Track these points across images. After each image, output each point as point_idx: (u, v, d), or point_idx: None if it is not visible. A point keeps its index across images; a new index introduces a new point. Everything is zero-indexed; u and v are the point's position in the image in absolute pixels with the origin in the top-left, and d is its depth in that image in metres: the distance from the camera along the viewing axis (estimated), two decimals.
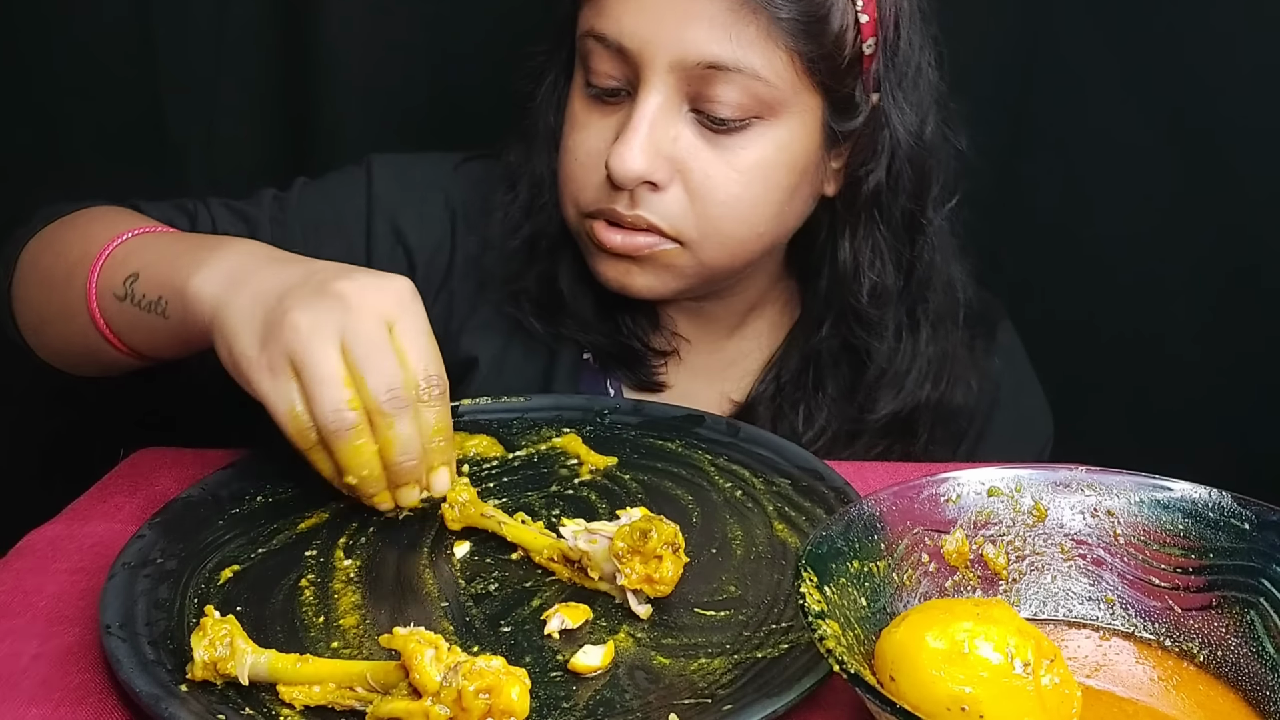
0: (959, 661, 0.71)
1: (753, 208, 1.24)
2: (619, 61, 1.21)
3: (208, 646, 0.80)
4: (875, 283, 1.32)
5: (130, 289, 1.10)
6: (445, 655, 0.77)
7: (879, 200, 1.30)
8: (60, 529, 1.03)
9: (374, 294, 0.98)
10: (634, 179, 1.20)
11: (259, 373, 0.96)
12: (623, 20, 1.19)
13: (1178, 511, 0.83)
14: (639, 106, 1.20)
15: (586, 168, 1.25)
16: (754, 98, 1.19)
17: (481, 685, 0.75)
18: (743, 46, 1.17)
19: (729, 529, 1.01)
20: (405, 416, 0.96)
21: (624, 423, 1.19)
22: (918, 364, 1.36)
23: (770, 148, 1.22)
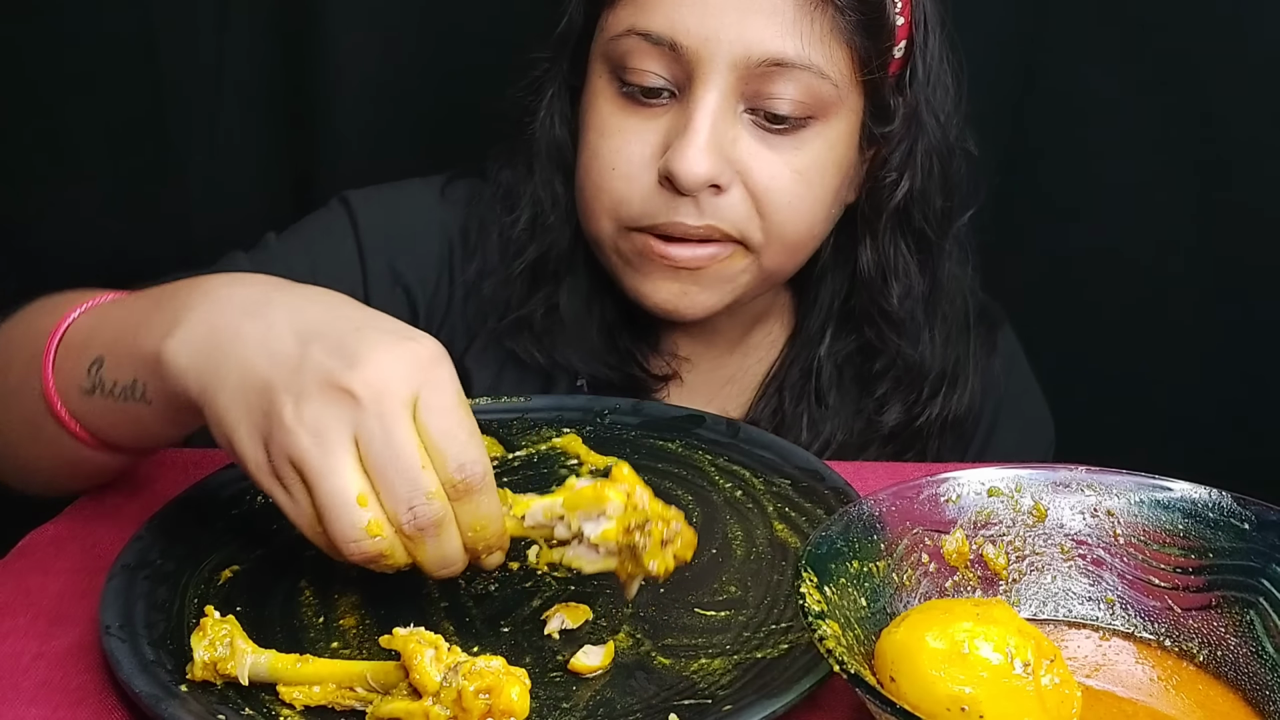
0: (959, 662, 0.71)
1: (811, 208, 1.23)
2: (668, 60, 1.17)
3: (208, 646, 0.80)
4: (906, 285, 1.32)
5: (98, 378, 0.92)
6: (445, 655, 0.77)
7: (909, 207, 1.30)
8: (61, 529, 1.03)
9: (389, 376, 0.79)
10: (702, 183, 1.16)
11: (266, 480, 0.81)
12: (675, 16, 1.16)
13: (1178, 511, 0.83)
14: (698, 106, 1.16)
15: (629, 177, 1.21)
16: (814, 96, 1.18)
17: (481, 685, 0.75)
18: (809, 43, 1.15)
19: (729, 529, 1.01)
20: (436, 532, 0.80)
21: (624, 423, 1.18)
22: (934, 370, 1.36)
23: (824, 148, 1.21)
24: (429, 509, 0.79)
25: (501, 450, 1.14)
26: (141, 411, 0.91)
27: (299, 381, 0.79)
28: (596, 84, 1.24)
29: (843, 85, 1.19)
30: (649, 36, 1.17)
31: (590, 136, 1.24)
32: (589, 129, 1.24)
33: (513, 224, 1.31)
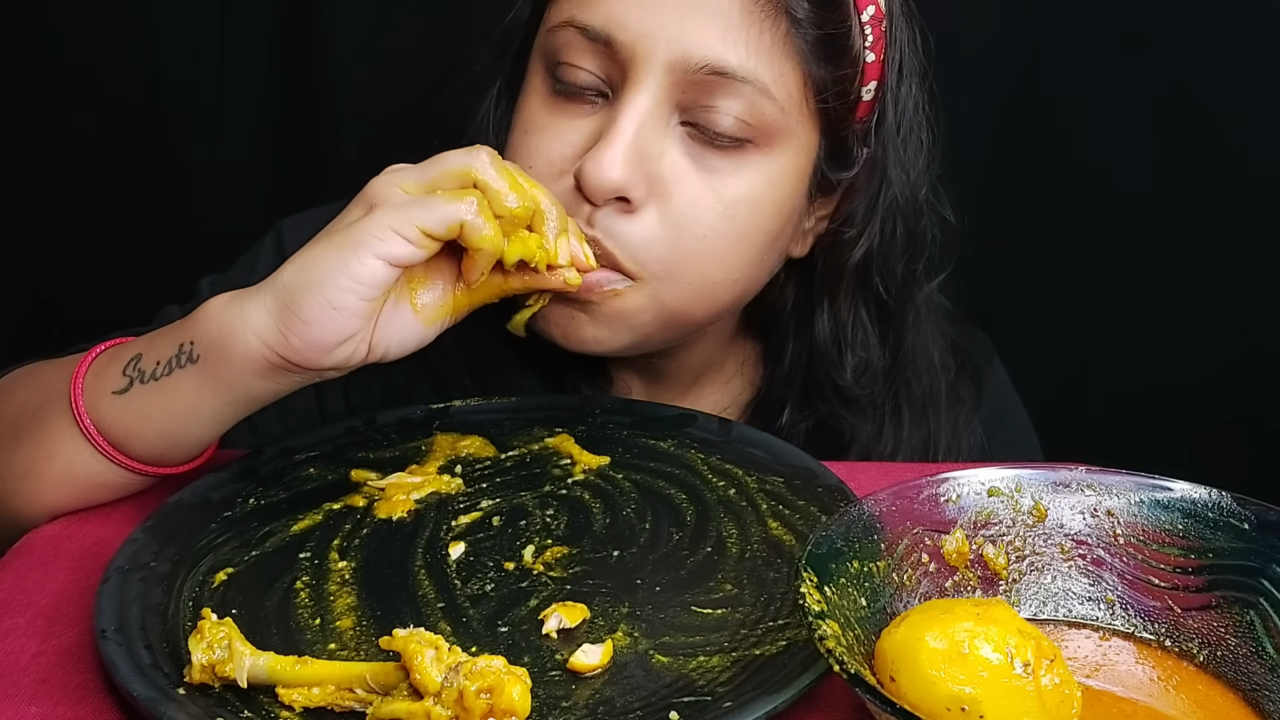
0: (959, 661, 0.71)
1: (732, 247, 1.12)
2: (602, 57, 1.09)
3: (205, 649, 0.80)
4: (862, 359, 1.23)
5: (135, 371, 0.98)
6: (446, 655, 0.77)
7: (868, 269, 1.21)
8: (59, 529, 1.03)
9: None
10: (609, 190, 1.07)
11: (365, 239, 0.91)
12: (615, 10, 1.07)
13: (1177, 511, 0.83)
14: (625, 107, 1.07)
15: (543, 176, 1.09)
16: (756, 117, 1.08)
17: (483, 685, 0.74)
18: (755, 54, 1.06)
19: (723, 528, 1.01)
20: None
21: (616, 422, 1.18)
22: (901, 452, 1.28)
23: (761, 181, 1.11)
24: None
25: (494, 450, 1.13)
26: (182, 381, 0.96)
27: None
28: (531, 81, 1.16)
29: (790, 110, 1.10)
30: (586, 31, 1.09)
31: (514, 135, 1.16)
32: (515, 127, 1.16)
33: None
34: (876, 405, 1.26)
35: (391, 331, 0.98)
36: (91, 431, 1.00)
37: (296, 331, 0.93)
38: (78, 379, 1.01)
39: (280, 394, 0.99)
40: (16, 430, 1.05)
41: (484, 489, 1.07)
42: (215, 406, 0.98)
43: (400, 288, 0.99)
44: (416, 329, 1.00)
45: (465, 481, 1.07)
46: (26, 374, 1.12)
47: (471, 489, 1.06)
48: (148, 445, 1.01)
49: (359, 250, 0.92)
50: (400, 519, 1.02)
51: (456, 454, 1.12)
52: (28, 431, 1.04)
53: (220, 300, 0.96)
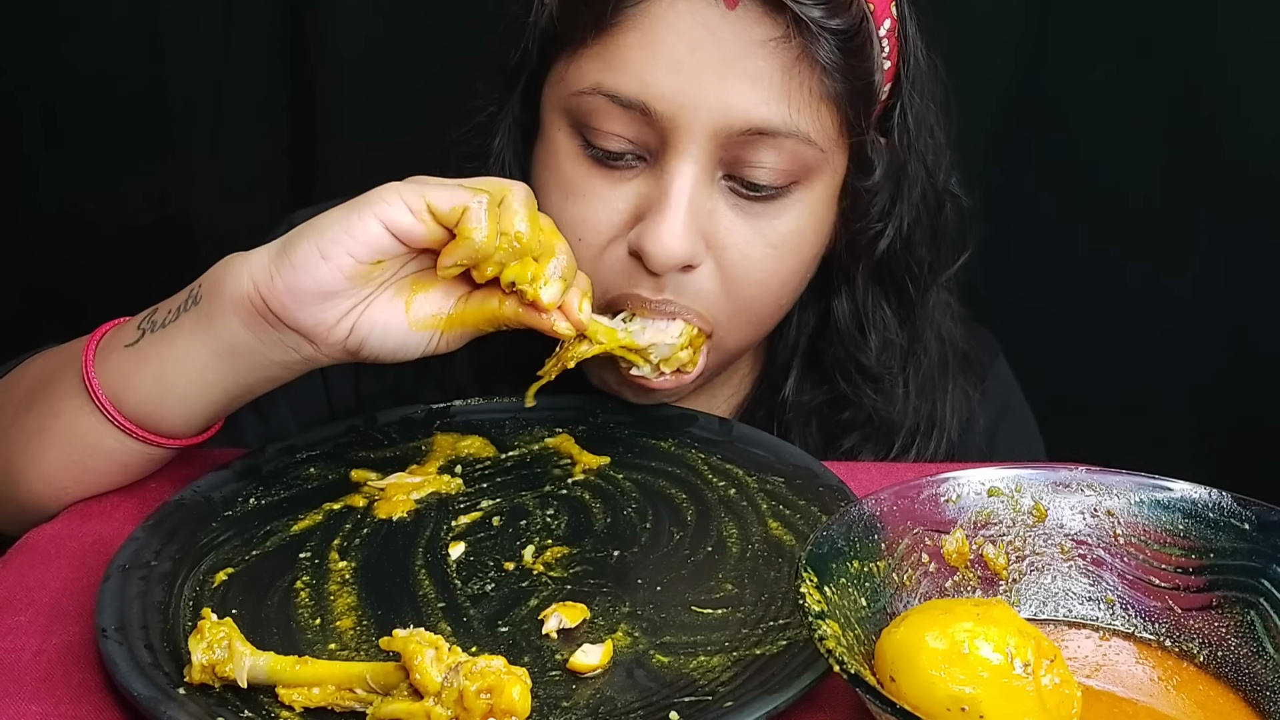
0: (959, 662, 0.71)
1: (781, 281, 1.14)
2: (638, 125, 1.07)
3: (206, 649, 0.80)
4: (884, 339, 1.25)
5: (149, 322, 1.01)
6: (446, 656, 0.77)
7: (890, 259, 1.22)
8: (60, 527, 1.03)
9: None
10: (677, 264, 1.07)
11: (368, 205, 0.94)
12: (649, 78, 1.05)
13: (1178, 511, 0.83)
14: (674, 179, 1.06)
15: (595, 247, 1.10)
16: (798, 163, 1.08)
17: (483, 685, 0.75)
18: (796, 108, 1.05)
19: (724, 527, 1.01)
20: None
21: (617, 422, 1.18)
22: (908, 422, 1.29)
23: (805, 216, 1.12)
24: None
25: (494, 451, 1.13)
26: (183, 325, 0.99)
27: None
28: (556, 138, 1.13)
29: (828, 148, 1.10)
30: (617, 98, 1.06)
31: (554, 197, 1.13)
32: (551, 188, 1.13)
33: None
34: (894, 380, 1.28)
35: (376, 319, 0.99)
36: (92, 382, 1.01)
37: (283, 273, 0.95)
38: (94, 339, 1.04)
39: (260, 358, 0.99)
40: (32, 394, 1.08)
41: (484, 489, 1.07)
42: (202, 356, 0.99)
43: (401, 286, 1.00)
44: (401, 329, 1.00)
45: (465, 481, 1.07)
46: (48, 352, 1.13)
47: (472, 489, 1.06)
48: (139, 399, 1.01)
49: (361, 208, 0.95)
50: (400, 519, 1.02)
51: (457, 454, 1.12)
52: (41, 393, 1.06)
53: (240, 252, 0.99)
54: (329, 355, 0.99)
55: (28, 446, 1.05)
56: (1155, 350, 1.72)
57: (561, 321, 1.01)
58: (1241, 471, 1.59)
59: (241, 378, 1.01)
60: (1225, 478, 0.84)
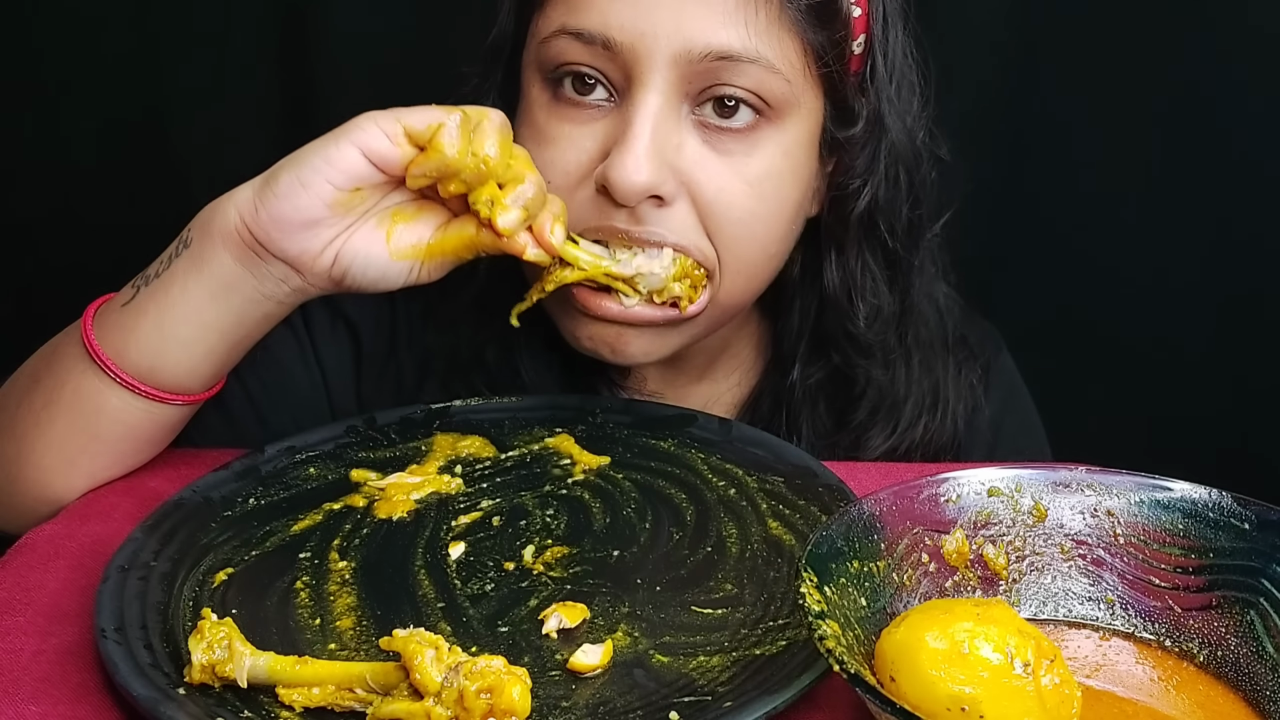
0: (959, 662, 0.71)
1: (764, 225, 1.14)
2: (602, 59, 1.08)
3: (205, 649, 0.80)
4: (873, 306, 1.24)
5: (143, 278, 1.05)
6: (446, 655, 0.77)
7: (873, 217, 1.21)
8: (59, 528, 1.03)
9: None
10: (640, 192, 1.07)
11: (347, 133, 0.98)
12: (609, 11, 1.07)
13: (1178, 511, 0.83)
14: (638, 108, 1.07)
15: (564, 189, 1.10)
16: (766, 93, 1.08)
17: (483, 685, 0.75)
18: (755, 33, 1.06)
19: (724, 527, 1.00)
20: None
21: (616, 422, 1.18)
22: (912, 396, 1.29)
23: (778, 155, 1.12)
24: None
25: (494, 450, 1.13)
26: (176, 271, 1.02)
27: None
28: (530, 92, 1.15)
29: (796, 81, 1.10)
30: (581, 35, 1.08)
31: (529, 147, 1.10)
32: (526, 140, 1.13)
33: None
34: (889, 351, 1.27)
35: (359, 248, 1.02)
36: (93, 344, 1.04)
37: (266, 203, 1.00)
38: (92, 307, 1.07)
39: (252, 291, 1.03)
40: (36, 372, 1.10)
41: (484, 489, 1.07)
42: (198, 297, 1.02)
43: (383, 216, 1.03)
44: (382, 258, 1.02)
45: (465, 481, 1.07)
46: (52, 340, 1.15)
47: (471, 489, 1.06)
48: (140, 350, 1.04)
49: (339, 137, 0.99)
50: (400, 519, 1.02)
51: (457, 454, 1.12)
52: (46, 369, 1.09)
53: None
54: (316, 285, 1.03)
55: (37, 421, 1.07)
56: (1154, 350, 1.72)
57: (532, 247, 1.02)
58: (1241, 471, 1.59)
59: (237, 315, 1.04)
60: (1225, 478, 0.84)
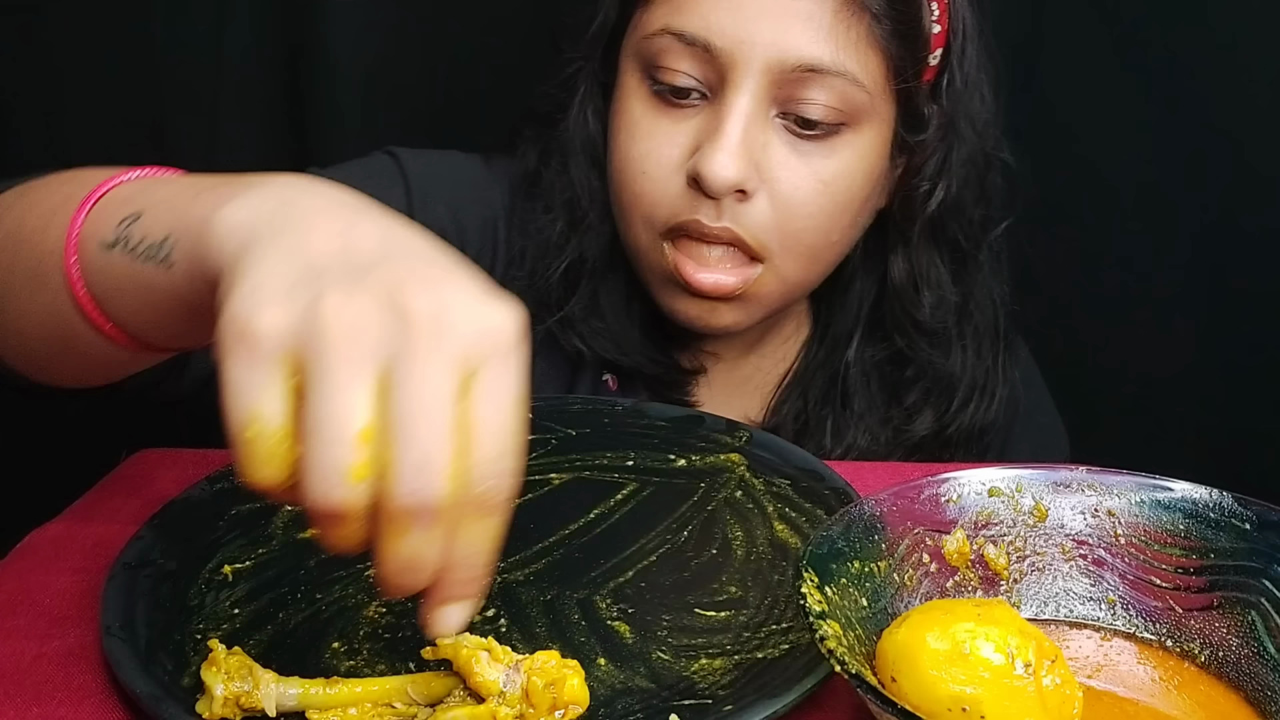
0: (960, 662, 0.71)
1: (833, 219, 1.22)
2: (701, 62, 1.17)
3: (226, 680, 0.76)
4: (939, 296, 1.32)
5: (125, 231, 0.79)
6: (501, 656, 0.76)
7: (943, 217, 1.29)
8: (62, 529, 1.03)
9: (461, 323, 0.63)
10: (729, 186, 1.16)
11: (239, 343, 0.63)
12: (711, 17, 1.15)
13: (1178, 512, 0.83)
14: (730, 109, 1.16)
15: (659, 180, 1.21)
16: (847, 104, 1.17)
17: (545, 679, 0.74)
18: (844, 49, 1.15)
19: (729, 530, 1.01)
20: (428, 523, 0.63)
21: (625, 423, 1.18)
22: (965, 380, 1.35)
23: (853, 157, 1.20)
24: (436, 487, 0.62)
25: None
26: (157, 278, 0.77)
27: (358, 279, 0.63)
28: (628, 83, 1.24)
29: (875, 93, 1.19)
30: (682, 36, 1.16)
31: (621, 138, 1.24)
32: (619, 130, 1.24)
33: (551, 223, 1.30)
34: (950, 337, 1.35)
35: None
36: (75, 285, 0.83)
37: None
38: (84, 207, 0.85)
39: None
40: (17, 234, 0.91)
41: None
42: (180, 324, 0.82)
43: None
44: None
45: None
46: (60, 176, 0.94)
47: None
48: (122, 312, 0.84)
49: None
50: None
51: None
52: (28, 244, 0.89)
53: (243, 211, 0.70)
54: None
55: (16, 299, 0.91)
56: (1153, 350, 1.71)
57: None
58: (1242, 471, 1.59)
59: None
60: (1225, 478, 0.84)
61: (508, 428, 0.64)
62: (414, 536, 0.63)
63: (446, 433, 0.62)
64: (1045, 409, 1.50)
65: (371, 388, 0.61)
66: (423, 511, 0.62)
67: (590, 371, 1.34)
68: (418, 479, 0.61)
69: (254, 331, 0.62)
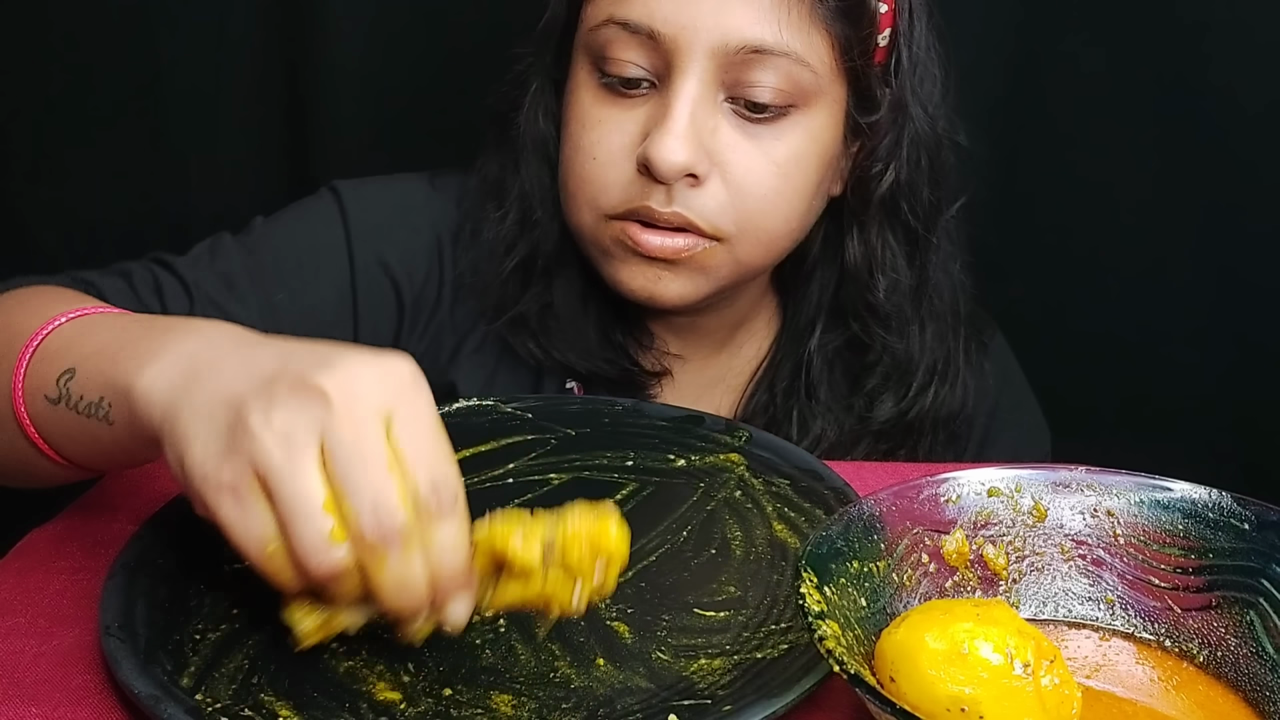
0: (959, 662, 0.72)
1: (789, 201, 1.22)
2: (646, 50, 1.17)
3: (307, 613, 0.79)
4: (893, 279, 1.32)
5: (65, 389, 0.89)
6: (534, 529, 0.79)
7: (895, 198, 1.29)
8: (61, 528, 1.03)
9: (364, 383, 0.76)
10: (678, 171, 1.16)
11: (218, 495, 0.75)
12: (654, 4, 1.16)
13: (1177, 511, 0.83)
14: (677, 95, 1.16)
15: (609, 166, 1.21)
16: (794, 84, 1.17)
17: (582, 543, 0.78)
18: (787, 29, 1.15)
19: (728, 529, 1.01)
20: (399, 547, 0.74)
21: (624, 422, 1.17)
22: (924, 363, 1.35)
23: (805, 139, 1.21)
24: (394, 515, 0.73)
25: None
26: (102, 432, 0.88)
27: (271, 389, 0.75)
28: (578, 76, 1.24)
29: (823, 73, 1.19)
30: (627, 25, 1.17)
31: (572, 128, 1.24)
32: (570, 120, 1.24)
33: (501, 219, 1.30)
34: (904, 320, 1.34)
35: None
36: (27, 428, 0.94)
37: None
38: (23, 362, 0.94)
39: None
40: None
41: (486, 489, 1.07)
42: (136, 463, 0.99)
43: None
44: None
45: (467, 484, 1.07)
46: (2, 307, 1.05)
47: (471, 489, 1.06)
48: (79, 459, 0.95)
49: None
50: None
51: None
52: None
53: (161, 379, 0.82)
54: None
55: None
56: (1153, 351, 1.71)
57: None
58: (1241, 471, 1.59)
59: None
60: (1225, 477, 0.84)
61: (434, 445, 0.77)
62: (393, 560, 0.74)
63: (384, 470, 0.74)
64: (1026, 406, 1.49)
65: (318, 464, 0.74)
66: (391, 537, 0.74)
67: (553, 379, 1.34)
68: (376, 515, 0.73)
69: (224, 482, 0.75)
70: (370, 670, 0.84)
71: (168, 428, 0.79)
